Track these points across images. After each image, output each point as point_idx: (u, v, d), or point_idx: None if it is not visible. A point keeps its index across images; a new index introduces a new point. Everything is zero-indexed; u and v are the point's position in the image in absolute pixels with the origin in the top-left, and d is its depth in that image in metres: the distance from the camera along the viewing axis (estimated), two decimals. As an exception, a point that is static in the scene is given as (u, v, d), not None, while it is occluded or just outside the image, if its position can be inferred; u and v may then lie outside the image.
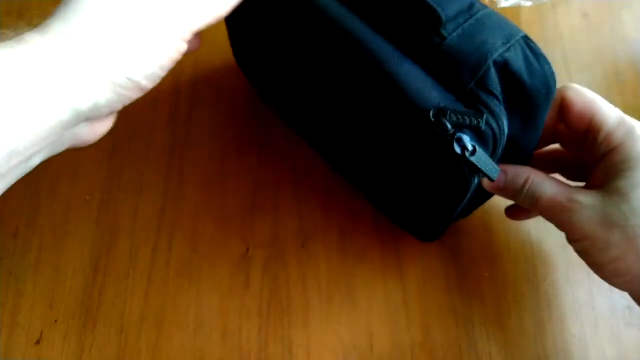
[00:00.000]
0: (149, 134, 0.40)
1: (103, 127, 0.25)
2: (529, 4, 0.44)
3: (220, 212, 0.38)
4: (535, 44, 0.26)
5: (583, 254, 0.28)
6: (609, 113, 0.28)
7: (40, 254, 0.37)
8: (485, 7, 0.27)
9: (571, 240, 0.29)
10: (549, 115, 0.29)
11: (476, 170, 0.25)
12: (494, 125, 0.25)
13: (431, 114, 0.24)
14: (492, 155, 0.26)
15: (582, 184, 0.31)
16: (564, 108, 0.29)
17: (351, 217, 0.38)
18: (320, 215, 0.38)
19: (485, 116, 0.24)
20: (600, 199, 0.26)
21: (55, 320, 0.35)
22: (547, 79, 0.26)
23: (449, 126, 0.23)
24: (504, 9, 0.44)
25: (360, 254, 0.37)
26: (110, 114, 0.25)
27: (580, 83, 0.41)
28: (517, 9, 0.44)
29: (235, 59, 0.41)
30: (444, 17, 0.25)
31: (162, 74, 0.25)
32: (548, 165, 0.33)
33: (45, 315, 0.35)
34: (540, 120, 0.27)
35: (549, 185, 0.28)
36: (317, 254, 0.37)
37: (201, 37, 0.29)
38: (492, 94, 0.25)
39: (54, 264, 0.37)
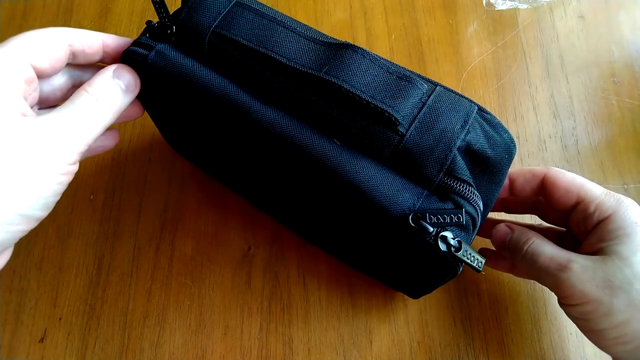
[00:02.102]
0: (152, 136, 0.41)
1: (0, 261, 0.24)
2: (525, 6, 0.44)
3: (222, 212, 0.38)
4: (490, 114, 0.27)
5: (581, 320, 0.27)
6: (593, 186, 0.29)
7: (44, 253, 0.38)
8: (432, 85, 0.26)
9: (568, 304, 0.28)
10: (528, 189, 0.31)
11: (461, 262, 0.25)
12: (472, 211, 0.25)
13: (410, 220, 0.23)
14: (472, 231, 0.25)
15: None
16: (547, 187, 0.30)
17: (351, 217, 0.38)
18: (320, 214, 0.38)
19: (463, 210, 0.24)
20: (599, 261, 0.26)
21: (59, 318, 0.36)
22: (508, 145, 0.27)
23: (430, 228, 0.23)
24: (502, 11, 0.44)
25: (359, 253, 0.37)
26: (5, 249, 0.24)
27: (576, 84, 0.42)
28: (513, 11, 0.45)
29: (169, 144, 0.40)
30: (399, 118, 0.24)
31: (58, 197, 0.24)
32: None
33: (48, 313, 0.36)
34: (503, 177, 0.28)
35: (549, 247, 0.28)
36: (317, 253, 0.37)
37: (117, 131, 0.29)
38: (462, 180, 0.24)
39: (58, 263, 0.37)
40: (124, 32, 0.45)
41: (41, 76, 0.25)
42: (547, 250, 0.28)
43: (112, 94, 0.25)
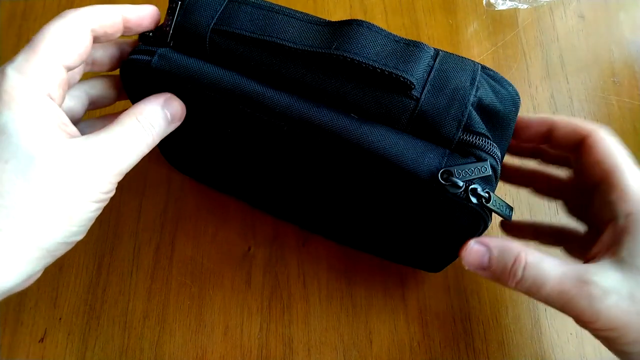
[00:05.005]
0: (152, 135, 0.41)
1: (36, 277, 0.24)
2: (525, 6, 0.44)
3: (222, 211, 0.38)
4: (493, 70, 0.27)
5: (607, 341, 0.25)
6: (632, 175, 0.25)
7: (44, 253, 0.38)
8: (436, 50, 0.26)
9: (592, 328, 0.24)
10: (564, 144, 0.28)
11: (491, 212, 0.25)
12: (493, 162, 0.25)
13: (440, 178, 0.24)
14: (495, 181, 0.26)
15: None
16: (584, 148, 0.26)
17: (351, 217, 0.38)
18: (320, 214, 0.38)
19: (488, 161, 0.24)
20: (622, 278, 0.23)
21: (59, 318, 0.36)
22: (514, 98, 0.27)
23: (460, 183, 0.24)
24: (502, 11, 0.44)
25: (359, 253, 0.37)
26: (41, 271, 0.24)
27: (576, 84, 0.42)
28: (514, 10, 0.45)
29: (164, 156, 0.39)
30: (414, 82, 0.24)
31: (93, 220, 0.24)
32: (542, 185, 0.32)
33: (49, 313, 0.36)
34: (511, 131, 0.28)
35: (551, 265, 0.24)
36: (317, 253, 0.37)
37: None
38: (480, 134, 0.25)
39: (58, 263, 0.37)
40: (124, 32, 0.45)
41: (69, 70, 0.25)
42: (552, 273, 0.24)
43: (159, 123, 0.26)
